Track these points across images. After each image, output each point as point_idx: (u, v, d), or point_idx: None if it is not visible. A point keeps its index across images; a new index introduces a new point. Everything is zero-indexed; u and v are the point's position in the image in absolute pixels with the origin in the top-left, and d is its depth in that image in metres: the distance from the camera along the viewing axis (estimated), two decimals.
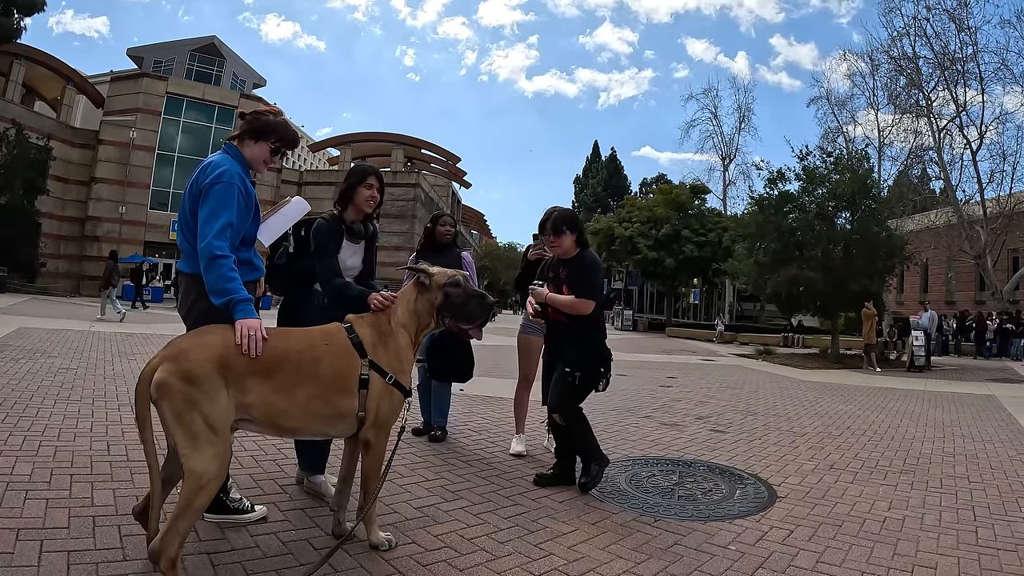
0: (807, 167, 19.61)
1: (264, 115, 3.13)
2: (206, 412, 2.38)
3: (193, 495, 2.32)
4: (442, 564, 2.91)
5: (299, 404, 2.68)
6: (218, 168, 2.88)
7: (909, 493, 4.59)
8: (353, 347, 2.88)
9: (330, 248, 3.63)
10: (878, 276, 19.03)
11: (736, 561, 3.17)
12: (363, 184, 3.71)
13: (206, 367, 2.43)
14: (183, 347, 2.48)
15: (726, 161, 43.74)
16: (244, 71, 46.37)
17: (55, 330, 12.47)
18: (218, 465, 2.39)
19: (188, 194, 2.93)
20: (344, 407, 2.81)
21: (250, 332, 2.59)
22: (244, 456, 4.30)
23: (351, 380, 2.83)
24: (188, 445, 2.35)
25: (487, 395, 7.79)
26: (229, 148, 3.06)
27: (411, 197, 42.28)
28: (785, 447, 6.03)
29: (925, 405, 10.03)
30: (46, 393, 5.90)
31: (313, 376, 2.73)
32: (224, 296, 2.69)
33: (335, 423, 2.85)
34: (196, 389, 2.38)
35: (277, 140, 3.11)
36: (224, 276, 2.71)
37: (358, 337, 2.91)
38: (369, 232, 3.86)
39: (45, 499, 3.17)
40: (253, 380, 2.56)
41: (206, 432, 2.37)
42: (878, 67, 32.74)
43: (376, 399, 2.87)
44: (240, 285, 2.74)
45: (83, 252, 36.58)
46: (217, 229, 2.76)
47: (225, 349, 2.51)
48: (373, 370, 2.87)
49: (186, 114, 39.91)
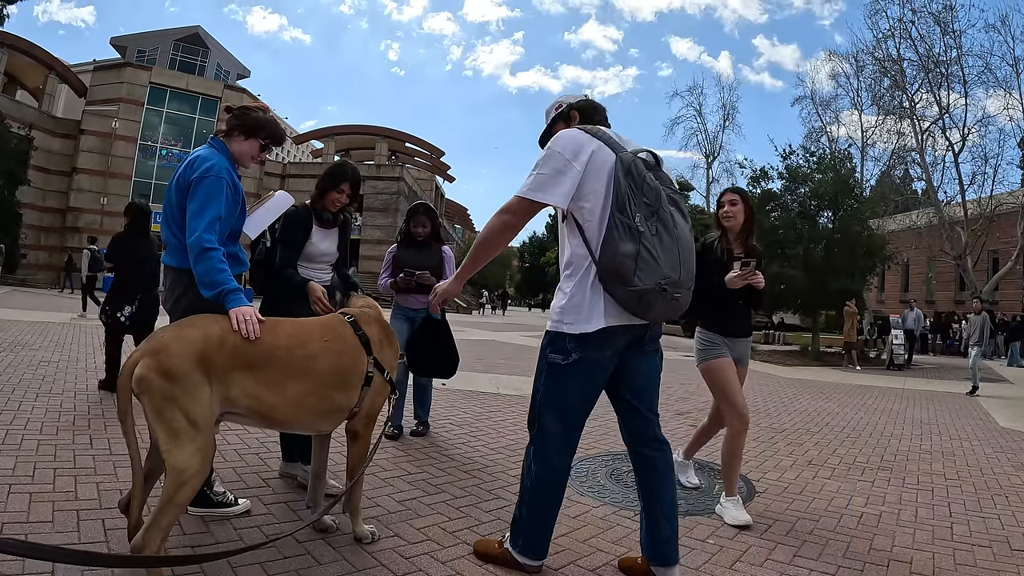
0: (790, 166, 19.78)
1: (254, 111, 3.15)
2: (187, 408, 2.35)
3: (175, 490, 2.30)
4: (424, 557, 2.94)
5: (289, 399, 2.66)
6: (206, 162, 2.89)
7: (886, 489, 4.67)
8: (360, 344, 2.90)
9: (296, 240, 3.79)
10: (859, 275, 19.26)
11: (714, 555, 3.22)
12: (335, 189, 3.86)
13: (186, 364, 2.38)
14: (164, 342, 2.44)
15: (710, 159, 43.87)
16: (228, 62, 46.03)
17: (36, 322, 12.37)
18: (199, 461, 2.36)
19: (175, 188, 2.94)
20: (341, 403, 2.83)
21: (245, 317, 2.61)
22: (227, 450, 4.31)
23: (355, 377, 2.85)
24: (169, 441, 2.33)
25: (468, 389, 7.76)
26: (216, 143, 3.07)
27: (394, 190, 42.19)
28: (764, 443, 6.10)
29: (903, 403, 10.18)
30: (28, 386, 5.86)
31: (306, 372, 2.71)
32: (215, 288, 2.71)
33: (329, 418, 2.88)
34: (176, 385, 2.35)
35: (267, 137, 3.14)
36: (214, 268, 2.73)
37: (366, 335, 2.93)
38: (340, 219, 3.99)
39: (29, 493, 3.17)
40: (238, 374, 2.53)
41: (187, 428, 2.34)
42: (862, 68, 33.04)
43: (373, 395, 2.93)
44: (230, 276, 2.77)
45: (64, 243, 36.21)
46: (206, 223, 2.78)
47: (207, 343, 2.47)
48: (376, 368, 2.92)
49: (169, 104, 39.61)
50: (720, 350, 3.97)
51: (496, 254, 2.92)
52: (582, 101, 3.04)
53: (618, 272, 2.50)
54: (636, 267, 2.46)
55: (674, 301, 2.57)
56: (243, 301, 2.70)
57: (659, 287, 2.48)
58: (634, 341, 2.73)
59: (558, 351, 2.70)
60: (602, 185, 2.59)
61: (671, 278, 2.51)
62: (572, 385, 2.71)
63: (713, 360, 3.98)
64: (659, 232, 2.52)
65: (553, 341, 2.72)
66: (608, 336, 2.62)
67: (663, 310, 2.59)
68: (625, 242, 2.49)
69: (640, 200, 2.53)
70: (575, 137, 2.67)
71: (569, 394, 2.72)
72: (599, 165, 2.61)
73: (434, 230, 5.36)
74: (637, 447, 2.90)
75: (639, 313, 2.59)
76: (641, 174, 2.56)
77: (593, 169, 2.61)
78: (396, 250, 5.40)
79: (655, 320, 2.71)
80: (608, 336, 2.62)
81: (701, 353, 4.05)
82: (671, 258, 2.53)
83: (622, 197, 2.53)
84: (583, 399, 2.75)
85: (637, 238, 2.48)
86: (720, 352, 3.97)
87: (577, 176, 2.61)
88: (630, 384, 2.84)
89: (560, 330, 2.67)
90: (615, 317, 2.60)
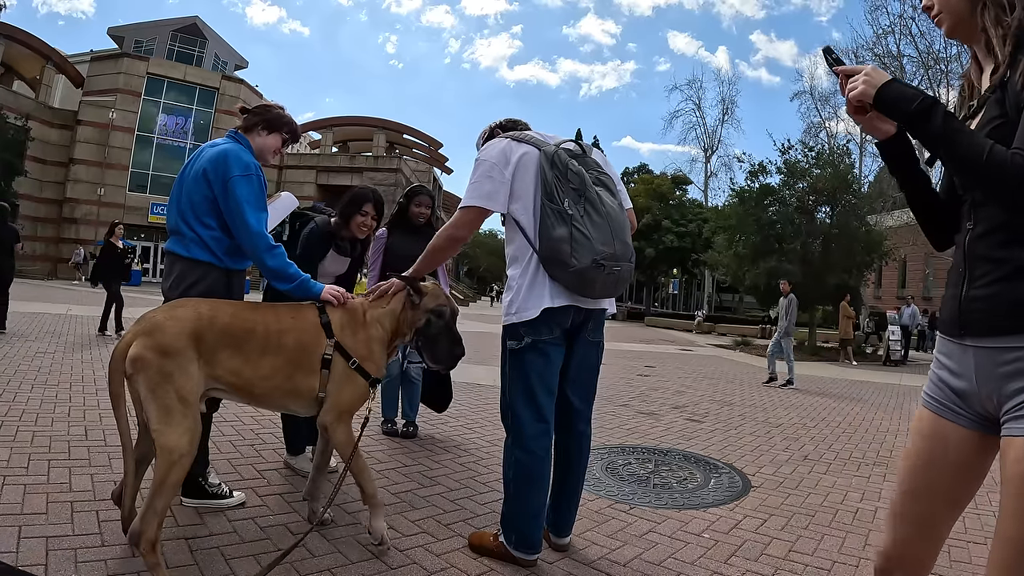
0: (789, 161, 19.77)
1: (273, 108, 3.27)
2: (179, 385, 2.40)
3: (167, 471, 2.32)
4: (419, 549, 2.94)
5: (262, 374, 2.67)
6: (242, 158, 2.98)
7: (881, 485, 4.68)
8: (321, 326, 2.84)
9: (313, 256, 3.88)
10: (856, 270, 19.30)
11: (710, 549, 3.23)
12: (359, 212, 3.93)
13: (181, 340, 2.44)
14: (156, 321, 2.48)
15: (708, 153, 43.95)
16: (226, 52, 45.82)
17: (32, 313, 12.34)
18: (189, 440, 2.39)
19: (200, 178, 2.95)
20: (303, 385, 2.77)
21: (336, 291, 2.93)
22: (222, 441, 4.30)
23: (313, 357, 2.78)
24: (162, 420, 2.36)
25: (464, 381, 7.78)
26: (239, 137, 3.15)
27: (392, 182, 42.02)
28: (760, 438, 6.11)
29: (899, 398, 10.21)
30: (23, 377, 5.85)
31: (277, 347, 2.71)
32: (292, 280, 2.92)
33: (294, 399, 2.82)
34: (170, 362, 2.40)
35: (288, 132, 3.29)
36: (287, 263, 2.94)
37: (327, 317, 2.86)
38: (356, 251, 4.11)
39: (23, 485, 3.16)
40: (224, 352, 2.58)
41: (179, 406, 2.38)
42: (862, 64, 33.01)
43: (337, 382, 2.80)
44: (298, 268, 2.97)
45: (60, 234, 36.15)
46: (264, 220, 2.98)
47: (198, 322, 2.52)
48: (338, 351, 2.81)
49: (167, 95, 39.41)
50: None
51: (446, 259, 3.33)
52: (505, 121, 3.27)
53: (556, 256, 2.67)
54: (572, 249, 2.64)
55: (612, 275, 2.72)
56: (321, 285, 2.95)
57: (595, 263, 2.64)
58: (579, 325, 2.89)
59: (512, 337, 2.84)
60: (531, 181, 2.78)
61: (605, 252, 2.67)
62: (530, 366, 2.82)
63: None
64: (587, 212, 2.70)
65: (507, 331, 2.87)
66: (553, 315, 2.76)
67: (605, 284, 2.74)
68: (557, 227, 2.66)
69: (567, 187, 2.73)
70: (501, 146, 2.87)
71: (530, 376, 2.82)
72: (526, 164, 2.80)
73: (431, 217, 5.02)
74: (560, 434, 3.02)
75: (584, 291, 2.76)
76: (564, 162, 2.77)
77: (521, 169, 2.80)
78: (388, 236, 4.89)
79: (600, 296, 2.85)
80: (553, 315, 2.76)
81: None
82: (603, 234, 2.69)
83: (549, 186, 2.72)
84: (544, 379, 2.84)
85: (568, 221, 2.66)
86: None
87: (509, 180, 2.80)
88: (566, 373, 2.95)
89: (511, 322, 2.83)
90: (560, 298, 2.75)
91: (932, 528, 1.60)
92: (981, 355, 1.47)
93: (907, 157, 1.69)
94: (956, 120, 1.42)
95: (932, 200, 1.72)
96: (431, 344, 2.96)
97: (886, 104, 1.53)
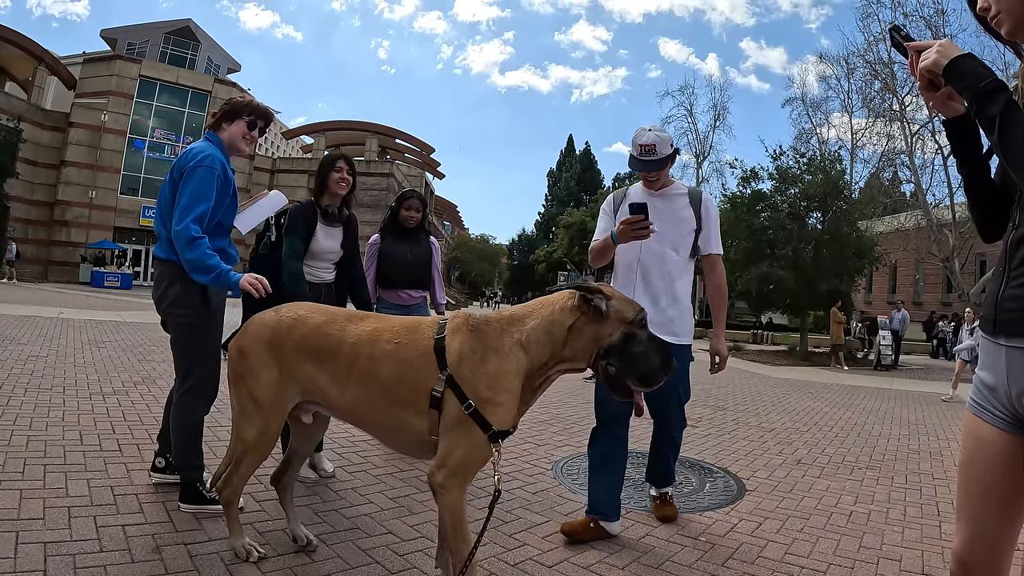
0: (780, 167, 19.86)
1: (230, 100, 3.34)
2: (251, 387, 2.51)
3: (241, 456, 2.58)
4: (419, 554, 2.95)
5: (349, 401, 2.39)
6: (201, 152, 3.04)
7: (875, 488, 4.71)
8: (433, 352, 2.25)
9: (298, 228, 3.85)
10: (847, 276, 19.40)
11: (706, 552, 3.24)
12: (332, 169, 3.96)
13: (256, 344, 2.52)
14: (249, 322, 2.64)
15: (700, 159, 43.92)
16: (219, 55, 45.68)
17: (23, 316, 12.27)
18: (255, 436, 2.53)
19: (169, 181, 3.04)
20: (405, 425, 2.31)
21: (253, 280, 2.94)
22: (218, 446, 4.29)
23: (417, 394, 2.25)
24: (237, 411, 2.59)
25: None
26: (211, 136, 3.24)
27: (384, 187, 41.96)
28: (754, 442, 6.14)
29: (891, 403, 10.25)
30: (16, 382, 5.82)
31: (367, 375, 2.33)
32: (210, 272, 2.90)
33: (400, 438, 2.42)
34: (243, 363, 2.53)
35: (250, 114, 3.29)
36: (205, 253, 2.91)
37: (443, 342, 2.26)
38: (344, 215, 4.06)
39: (19, 490, 3.15)
40: (307, 365, 2.45)
41: (250, 404, 2.52)
42: (853, 71, 33.12)
43: (447, 430, 2.20)
44: (219, 260, 2.93)
45: (51, 237, 35.88)
46: (196, 214, 2.94)
47: (277, 328, 2.52)
48: (449, 388, 2.19)
49: (159, 98, 39.22)
50: None
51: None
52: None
53: None
54: None
55: None
56: (239, 275, 2.96)
57: None
58: None
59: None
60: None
61: None
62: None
63: None
64: None
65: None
66: None
67: None
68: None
69: None
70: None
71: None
72: None
73: (423, 220, 5.04)
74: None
75: None
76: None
77: None
78: (381, 242, 4.99)
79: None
80: None
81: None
82: None
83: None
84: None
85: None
86: None
87: None
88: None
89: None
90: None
91: (991, 527, 1.60)
92: (1012, 355, 1.50)
93: (972, 140, 1.68)
94: (1020, 110, 1.43)
95: (989, 188, 1.71)
96: (636, 363, 2.23)
97: (959, 75, 1.52)
